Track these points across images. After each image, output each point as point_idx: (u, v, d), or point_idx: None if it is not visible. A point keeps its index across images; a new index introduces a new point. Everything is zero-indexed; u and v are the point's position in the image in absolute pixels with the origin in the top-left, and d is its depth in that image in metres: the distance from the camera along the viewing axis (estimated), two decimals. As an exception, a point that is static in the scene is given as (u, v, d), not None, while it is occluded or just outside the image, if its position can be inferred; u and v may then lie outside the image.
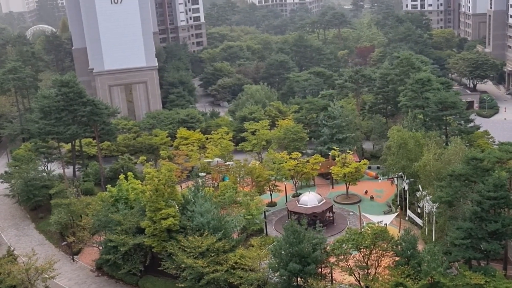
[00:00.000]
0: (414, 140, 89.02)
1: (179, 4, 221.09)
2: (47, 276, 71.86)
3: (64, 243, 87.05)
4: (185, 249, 70.32)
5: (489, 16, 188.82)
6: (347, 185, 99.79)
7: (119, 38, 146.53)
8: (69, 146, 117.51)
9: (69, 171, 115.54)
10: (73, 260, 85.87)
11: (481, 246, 64.69)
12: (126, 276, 77.81)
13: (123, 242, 75.40)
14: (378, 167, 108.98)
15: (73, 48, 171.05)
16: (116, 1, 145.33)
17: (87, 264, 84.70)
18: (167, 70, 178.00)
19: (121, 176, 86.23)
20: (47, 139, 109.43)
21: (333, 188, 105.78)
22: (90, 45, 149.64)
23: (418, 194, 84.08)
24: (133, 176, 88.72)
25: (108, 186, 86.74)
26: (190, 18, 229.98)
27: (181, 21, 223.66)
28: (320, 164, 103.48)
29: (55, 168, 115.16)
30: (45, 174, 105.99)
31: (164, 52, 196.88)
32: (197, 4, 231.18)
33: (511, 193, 67.04)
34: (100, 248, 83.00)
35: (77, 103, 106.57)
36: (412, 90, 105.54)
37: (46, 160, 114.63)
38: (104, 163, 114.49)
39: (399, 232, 79.97)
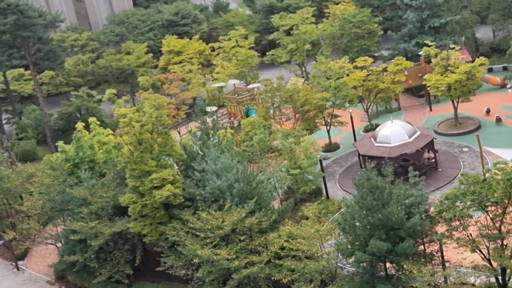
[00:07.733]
0: None
1: None
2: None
3: (0, 242, 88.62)
4: (197, 233, 70.76)
5: None
6: (455, 104, 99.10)
7: None
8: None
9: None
10: (18, 268, 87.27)
11: None
12: (106, 286, 79.15)
13: (95, 233, 75.95)
14: (505, 68, 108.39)
15: None
16: None
17: (41, 272, 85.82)
18: None
19: (79, 125, 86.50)
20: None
21: (431, 110, 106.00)
22: None
23: None
24: (98, 123, 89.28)
25: (60, 143, 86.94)
26: None
27: None
28: (406, 73, 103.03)
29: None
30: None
31: None
32: None
33: None
34: (59, 245, 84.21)
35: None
36: None
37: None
38: (48, 106, 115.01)
39: (549, 172, 79.70)
